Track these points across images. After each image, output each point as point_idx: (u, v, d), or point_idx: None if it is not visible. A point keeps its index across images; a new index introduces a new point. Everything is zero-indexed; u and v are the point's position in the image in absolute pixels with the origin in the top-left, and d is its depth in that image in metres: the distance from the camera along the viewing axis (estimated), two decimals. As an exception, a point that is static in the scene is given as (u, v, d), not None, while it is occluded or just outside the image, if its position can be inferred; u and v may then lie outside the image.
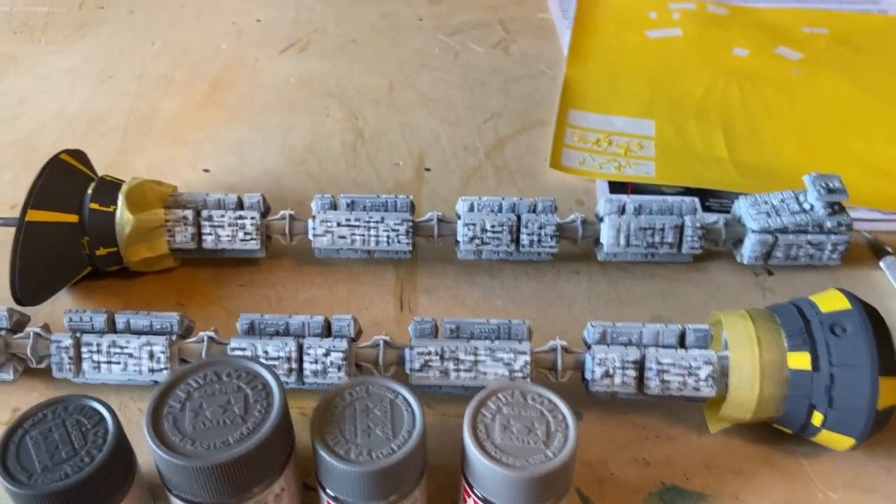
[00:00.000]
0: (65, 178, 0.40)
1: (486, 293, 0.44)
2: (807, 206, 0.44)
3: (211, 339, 0.36)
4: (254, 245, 0.42)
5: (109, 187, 0.41)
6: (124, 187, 0.41)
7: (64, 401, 0.29)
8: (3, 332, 0.35)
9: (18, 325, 0.36)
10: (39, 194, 0.38)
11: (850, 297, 0.33)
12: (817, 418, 0.32)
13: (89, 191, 0.40)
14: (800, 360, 0.32)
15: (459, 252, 0.44)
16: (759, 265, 0.46)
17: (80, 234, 0.40)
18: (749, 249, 0.44)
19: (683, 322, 0.36)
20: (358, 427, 0.29)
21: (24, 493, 0.26)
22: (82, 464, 0.27)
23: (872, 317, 0.32)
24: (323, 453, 0.28)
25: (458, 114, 0.59)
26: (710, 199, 0.51)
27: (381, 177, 0.53)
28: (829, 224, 0.43)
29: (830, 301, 0.33)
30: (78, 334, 0.35)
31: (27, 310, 0.38)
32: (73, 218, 0.39)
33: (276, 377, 0.30)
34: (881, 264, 0.45)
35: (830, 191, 0.43)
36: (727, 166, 0.54)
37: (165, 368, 0.35)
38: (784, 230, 0.43)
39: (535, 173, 0.54)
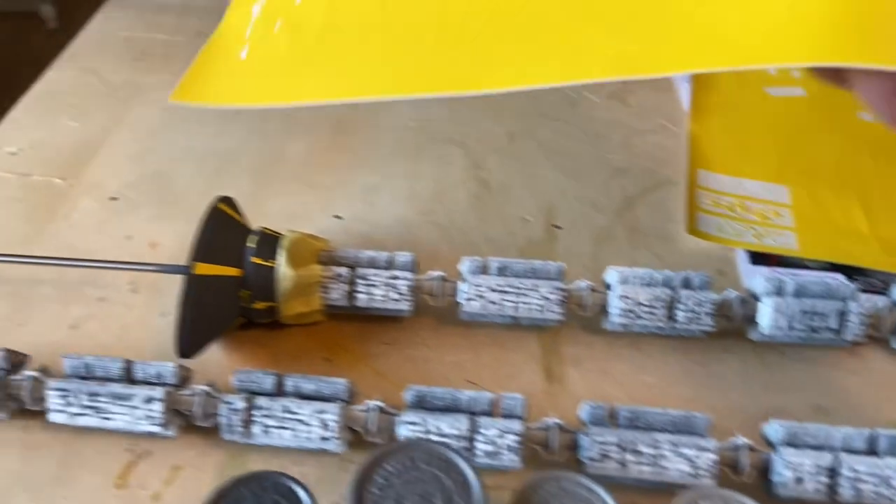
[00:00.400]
0: (225, 228, 0.40)
1: (634, 368, 0.43)
2: (981, 299, 0.42)
3: (380, 408, 0.35)
4: (405, 305, 0.42)
5: (270, 241, 0.40)
6: (285, 242, 0.40)
7: (260, 477, 0.29)
8: (171, 389, 0.35)
9: (183, 381, 0.36)
10: (205, 247, 0.38)
11: None
12: None
13: (251, 244, 0.40)
14: None
15: (608, 324, 0.43)
16: (921, 355, 0.44)
17: (240, 287, 0.39)
18: (914, 338, 0.42)
19: (848, 415, 0.35)
20: (556, 527, 0.28)
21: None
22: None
23: None
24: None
25: (581, 167, 0.58)
26: (854, 276, 0.49)
27: (510, 232, 0.52)
28: None
29: None
30: (249, 396, 0.34)
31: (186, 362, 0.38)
32: (237, 272, 0.39)
33: (474, 467, 0.29)
34: None
35: None
36: (870, 243, 0.52)
37: (337, 437, 0.34)
38: (954, 321, 0.42)
39: (671, 237, 0.52)
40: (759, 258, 0.50)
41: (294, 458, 0.37)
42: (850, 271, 0.49)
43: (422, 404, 0.35)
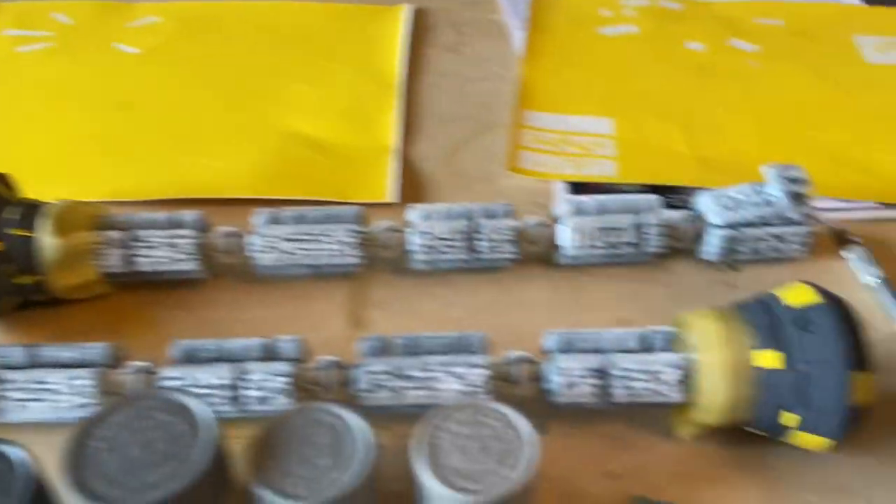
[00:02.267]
0: (-17, 203, 0.38)
1: (443, 304, 0.42)
2: (769, 198, 0.42)
3: (143, 369, 0.33)
4: (191, 265, 0.40)
5: (30, 210, 0.38)
6: (50, 210, 0.38)
7: (-29, 447, 0.27)
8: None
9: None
10: (-47, 222, 0.36)
11: (819, 290, 0.31)
12: (789, 419, 0.31)
13: (10, 215, 0.37)
14: (768, 359, 0.30)
15: (413, 263, 0.42)
16: (723, 261, 0.44)
17: (1, 262, 0.37)
18: (713, 245, 0.43)
19: (650, 324, 0.35)
20: (298, 458, 0.27)
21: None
22: (-9, 517, 0.25)
23: (843, 310, 0.31)
24: (257, 489, 0.26)
25: (412, 119, 0.57)
26: (669, 195, 0.50)
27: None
28: (793, 215, 0.42)
29: (797, 295, 0.32)
30: (-5, 371, 0.32)
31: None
32: (-7, 246, 0.36)
33: (208, 410, 0.27)
34: (845, 254, 0.44)
35: (792, 181, 0.42)
36: (688, 161, 0.53)
37: (95, 403, 0.32)
38: (748, 224, 0.42)
39: (493, 178, 0.52)
40: (578, 189, 0.50)
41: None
42: (665, 192, 0.50)
43: (190, 358, 0.33)
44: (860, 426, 0.31)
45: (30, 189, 0.41)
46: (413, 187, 0.51)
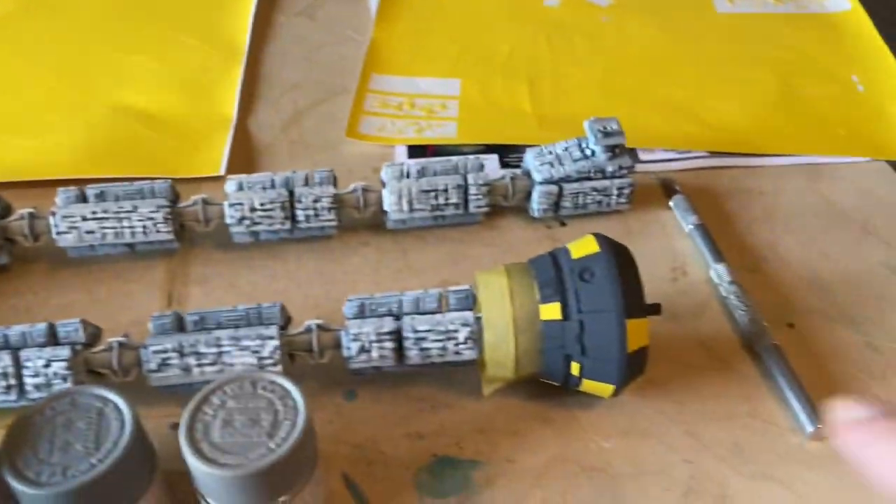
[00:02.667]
0: None
1: (265, 277, 0.41)
2: (588, 153, 0.43)
3: (-87, 363, 0.31)
4: (-12, 251, 0.38)
5: None
6: None
7: None
8: None
9: None
10: None
11: (601, 239, 0.32)
12: (575, 368, 0.31)
13: None
14: (551, 311, 0.31)
15: (233, 236, 0.41)
16: (550, 217, 0.44)
17: None
18: (536, 202, 0.43)
19: (471, 283, 0.35)
20: (56, 444, 0.26)
21: None
22: None
23: (619, 257, 0.31)
24: (10, 479, 0.25)
25: (257, 88, 0.55)
26: (509, 155, 0.50)
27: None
28: (609, 168, 0.42)
29: (583, 246, 0.32)
30: None
31: None
32: None
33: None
34: (671, 203, 0.45)
35: (607, 134, 0.42)
36: (529, 120, 0.53)
37: None
38: (567, 179, 0.42)
39: (334, 145, 0.51)
40: (417, 152, 0.50)
41: None
42: (507, 152, 0.50)
43: (-33, 349, 0.31)
44: (641, 371, 0.32)
45: None
46: (250, 159, 0.49)
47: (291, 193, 0.40)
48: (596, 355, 0.30)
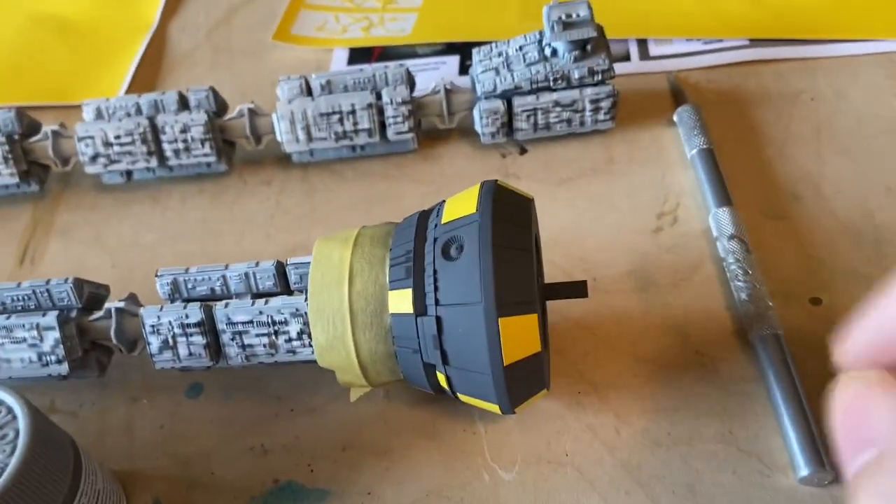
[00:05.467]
0: None
1: (139, 227, 0.33)
2: (549, 52, 0.31)
3: None
4: None
5: None
6: None
7: None
8: None
9: None
10: None
11: (486, 193, 0.21)
12: (442, 379, 0.22)
13: None
14: (400, 301, 0.21)
15: (102, 176, 0.34)
16: (504, 142, 0.33)
17: None
18: (480, 123, 0.32)
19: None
20: None
21: None
22: None
23: (506, 223, 0.20)
24: None
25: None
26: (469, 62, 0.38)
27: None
28: (576, 74, 0.31)
29: (461, 204, 0.22)
30: None
31: None
32: None
33: None
34: (674, 118, 0.33)
35: (570, 25, 0.30)
36: (512, 6, 0.41)
37: None
38: (518, 91, 0.31)
39: (262, 51, 0.41)
40: (360, 58, 0.39)
41: None
42: (469, 53, 0.38)
43: None
44: (540, 386, 0.22)
45: None
46: (162, 70, 0.41)
47: (152, 122, 0.32)
48: (461, 366, 0.21)
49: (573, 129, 0.32)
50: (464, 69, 0.38)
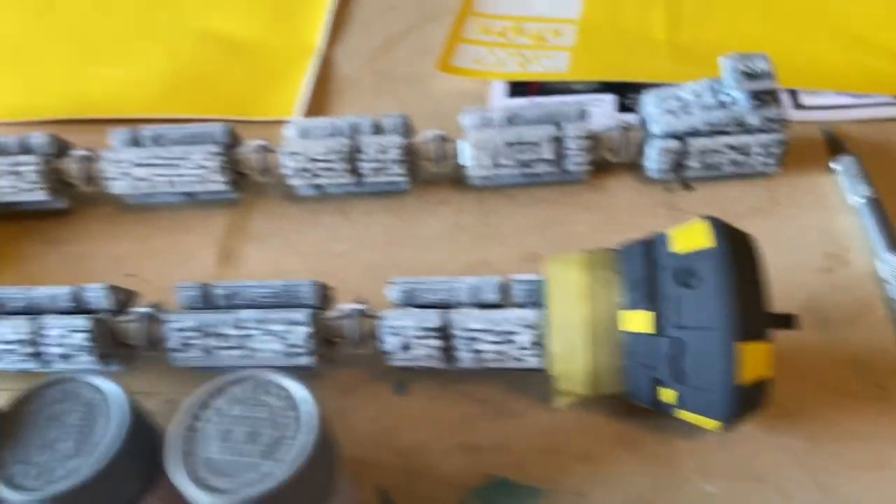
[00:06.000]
0: None
1: (328, 236, 0.36)
2: (726, 99, 0.33)
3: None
4: (42, 195, 0.36)
5: None
6: None
7: None
8: None
9: None
10: None
11: (717, 229, 0.24)
12: (667, 395, 0.24)
13: None
14: (638, 321, 0.24)
15: (297, 189, 0.37)
16: (672, 179, 0.36)
17: None
18: (653, 160, 0.35)
19: None
20: (39, 441, 0.23)
21: None
22: None
23: (739, 256, 0.23)
24: (-14, 478, 0.22)
25: (342, 11, 0.50)
26: (630, 95, 0.41)
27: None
28: (753, 121, 0.33)
29: (690, 236, 0.24)
30: None
31: None
32: None
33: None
34: (835, 167, 0.35)
35: (752, 76, 0.32)
36: (661, 51, 0.43)
37: None
38: (695, 132, 0.34)
39: (424, 79, 0.44)
40: (518, 90, 0.42)
41: None
42: (625, 91, 0.41)
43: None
44: (759, 405, 0.24)
45: None
46: (331, 93, 0.44)
47: (356, 143, 0.35)
48: (695, 384, 0.23)
49: (740, 171, 0.35)
50: (622, 107, 0.40)
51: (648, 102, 0.35)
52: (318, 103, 0.43)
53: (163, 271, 0.35)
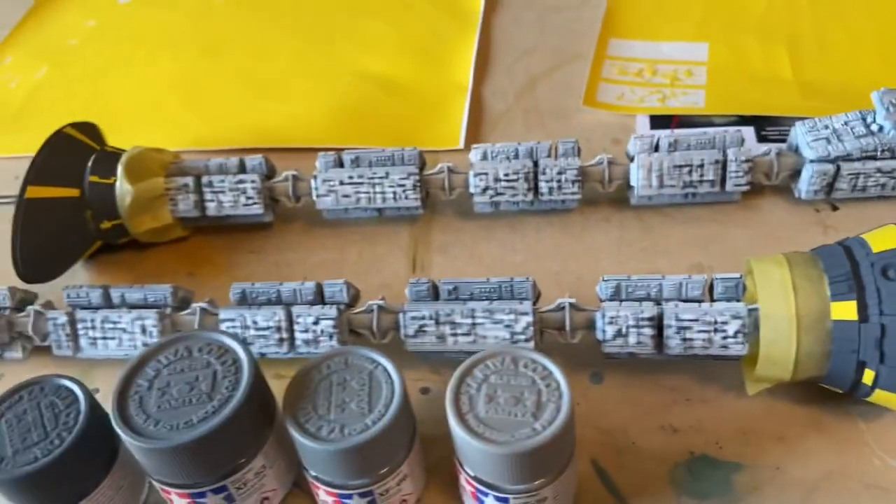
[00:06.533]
0: (67, 151, 0.40)
1: (505, 248, 0.41)
2: (875, 128, 0.37)
3: (203, 310, 0.34)
4: (257, 209, 0.41)
5: (109, 158, 0.40)
6: (123, 157, 0.40)
7: (40, 381, 0.29)
8: (6, 312, 0.36)
9: (23, 303, 0.36)
10: (39, 170, 0.38)
11: (912, 232, 0.28)
12: (868, 376, 0.27)
13: (90, 163, 0.40)
14: (845, 310, 0.27)
15: (475, 205, 0.41)
16: (820, 199, 0.40)
17: (83, 208, 0.39)
18: (807, 182, 0.38)
19: (728, 270, 0.32)
20: (333, 402, 0.27)
21: (-10, 479, 0.26)
22: (52, 446, 0.27)
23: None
24: (293, 431, 0.26)
25: (488, 54, 0.55)
26: (767, 127, 0.45)
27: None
28: (902, 147, 0.37)
29: (886, 238, 0.28)
30: (73, 310, 0.35)
31: (39, 288, 0.38)
32: (75, 192, 0.39)
33: (248, 351, 0.28)
34: (972, 190, 0.39)
35: (902, 107, 0.36)
36: (790, 88, 0.48)
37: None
38: (847, 157, 0.37)
39: (569, 114, 0.49)
40: (661, 123, 0.47)
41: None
42: (762, 124, 0.45)
43: (246, 300, 0.34)
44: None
45: (119, 138, 0.44)
46: (483, 126, 0.49)
47: (536, 164, 0.39)
48: (894, 363, 0.26)
49: (883, 193, 0.38)
50: (760, 138, 0.44)
51: (800, 131, 0.39)
52: (473, 136, 0.48)
53: (358, 279, 0.40)
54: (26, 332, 0.36)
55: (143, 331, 0.34)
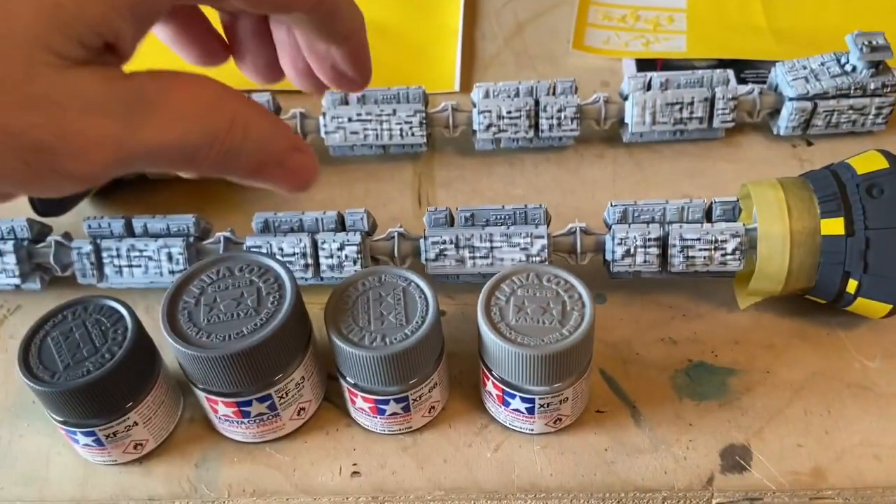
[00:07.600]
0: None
1: (505, 183, 0.43)
2: (848, 69, 0.40)
3: (227, 239, 0.36)
4: (266, 146, 0.41)
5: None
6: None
7: (84, 301, 0.30)
8: (25, 243, 0.36)
9: (41, 235, 0.37)
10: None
11: (890, 155, 0.31)
12: (852, 285, 0.31)
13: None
14: (833, 226, 0.30)
15: (477, 142, 0.43)
16: (796, 136, 0.43)
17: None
18: (786, 119, 0.41)
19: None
20: (371, 315, 0.29)
21: (47, 391, 0.27)
22: (103, 360, 0.28)
23: (913, 174, 0.30)
24: (337, 340, 0.28)
25: (473, 2, 0.56)
26: (745, 70, 0.48)
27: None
28: (872, 86, 0.40)
29: (868, 162, 0.31)
30: (98, 240, 0.35)
31: (50, 222, 0.38)
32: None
33: (288, 270, 0.29)
34: (931, 127, 0.42)
35: (874, 49, 0.40)
36: (765, 34, 0.50)
37: (185, 269, 0.35)
38: (824, 95, 0.41)
39: (557, 57, 0.51)
40: (645, 66, 0.49)
41: (160, 296, 0.38)
42: (740, 67, 0.48)
43: (269, 228, 0.35)
44: (925, 293, 0.31)
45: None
46: (476, 69, 0.51)
47: (537, 102, 0.41)
48: (879, 273, 0.30)
49: (854, 129, 0.42)
50: (739, 80, 0.47)
51: (780, 72, 0.42)
52: (466, 79, 0.50)
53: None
54: (45, 263, 0.36)
55: (170, 258, 0.35)
